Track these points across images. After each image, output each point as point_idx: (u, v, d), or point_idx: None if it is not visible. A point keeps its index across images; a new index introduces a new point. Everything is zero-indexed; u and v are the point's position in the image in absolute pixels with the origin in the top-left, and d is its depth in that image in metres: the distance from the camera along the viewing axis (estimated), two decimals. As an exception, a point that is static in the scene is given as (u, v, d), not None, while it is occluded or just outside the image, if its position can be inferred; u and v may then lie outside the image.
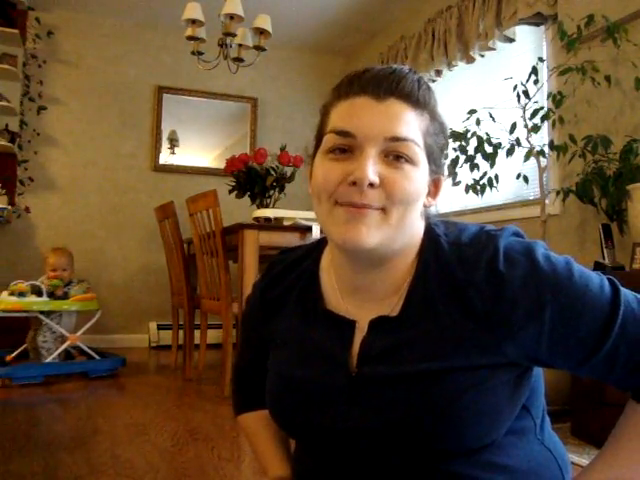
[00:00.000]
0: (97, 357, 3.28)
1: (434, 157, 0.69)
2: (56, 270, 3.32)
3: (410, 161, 0.65)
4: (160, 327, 4.38)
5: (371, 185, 0.62)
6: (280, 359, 0.76)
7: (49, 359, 3.14)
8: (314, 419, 0.69)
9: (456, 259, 0.65)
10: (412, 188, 0.64)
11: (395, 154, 0.64)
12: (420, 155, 0.66)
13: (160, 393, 2.86)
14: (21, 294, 3.09)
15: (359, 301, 0.71)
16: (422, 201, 0.68)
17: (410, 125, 0.65)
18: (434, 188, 0.72)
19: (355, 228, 0.63)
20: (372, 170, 0.62)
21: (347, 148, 0.65)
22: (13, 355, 3.26)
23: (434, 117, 0.69)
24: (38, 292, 3.15)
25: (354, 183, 0.62)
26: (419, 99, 0.66)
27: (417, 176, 0.65)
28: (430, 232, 0.70)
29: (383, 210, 0.64)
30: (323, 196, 0.66)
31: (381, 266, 0.68)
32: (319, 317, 0.73)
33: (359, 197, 0.63)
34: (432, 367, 0.63)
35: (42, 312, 3.14)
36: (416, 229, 0.70)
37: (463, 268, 0.64)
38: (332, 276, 0.74)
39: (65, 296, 3.26)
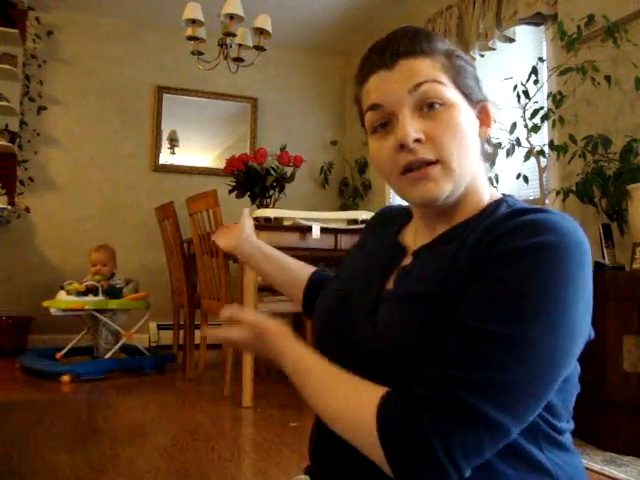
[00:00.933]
0: (147, 353, 3.51)
1: (468, 87, 0.70)
2: (96, 265, 3.46)
3: (443, 103, 0.66)
4: (160, 327, 4.38)
5: (418, 141, 0.65)
6: (344, 269, 0.84)
7: (107, 355, 3.29)
8: (342, 325, 0.73)
9: (501, 217, 0.65)
10: (456, 131, 0.66)
11: (427, 102, 0.66)
12: (450, 92, 0.67)
13: (160, 393, 2.86)
14: (79, 293, 3.24)
15: (423, 240, 0.75)
16: (474, 136, 0.69)
17: (426, 69, 0.67)
18: (484, 116, 0.72)
19: (424, 186, 0.67)
20: (412, 127, 0.65)
21: (385, 121, 0.68)
22: (62, 353, 3.42)
23: (449, 55, 0.69)
24: (95, 291, 3.30)
25: (402, 146, 0.66)
26: (423, 49, 0.68)
27: (456, 116, 0.67)
28: (501, 199, 0.72)
29: (440, 162, 0.66)
30: (387, 173, 0.70)
31: (447, 214, 0.72)
32: (388, 246, 0.79)
33: (413, 156, 0.66)
34: (417, 290, 0.65)
35: (98, 310, 3.29)
36: (481, 171, 0.72)
37: (492, 224, 0.64)
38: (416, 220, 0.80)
39: (119, 294, 3.40)
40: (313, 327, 0.82)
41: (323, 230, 2.78)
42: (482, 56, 3.39)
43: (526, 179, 2.73)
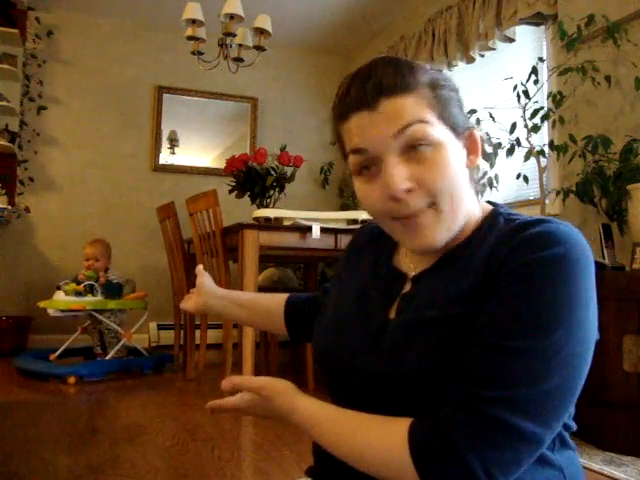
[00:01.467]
0: (145, 354, 3.48)
1: (454, 117, 0.67)
2: (89, 260, 3.41)
3: (430, 143, 0.64)
4: (160, 327, 4.38)
5: (409, 190, 0.63)
6: (339, 296, 0.81)
7: (109, 356, 3.27)
8: (342, 355, 0.72)
9: (501, 231, 0.65)
10: (446, 172, 0.64)
11: (412, 144, 0.63)
12: (436, 130, 0.64)
13: (160, 393, 2.86)
14: (78, 293, 3.19)
15: (419, 262, 0.74)
16: (463, 171, 0.67)
17: (410, 109, 0.63)
18: (471, 144, 0.70)
19: (420, 235, 0.66)
20: (400, 177, 0.63)
21: (369, 163, 0.66)
22: (56, 354, 3.34)
23: (433, 86, 0.66)
24: (93, 290, 3.27)
25: (392, 198, 0.64)
26: (407, 84, 0.64)
27: (445, 155, 0.64)
28: (494, 210, 0.71)
29: (434, 206, 0.65)
30: (378, 217, 0.69)
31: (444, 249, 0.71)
32: (382, 270, 0.77)
33: (405, 208, 0.64)
34: (427, 316, 0.64)
35: (97, 310, 3.26)
36: (471, 197, 0.70)
37: (499, 240, 0.64)
38: None
39: (119, 291, 3.37)
40: (314, 359, 0.82)
41: (323, 230, 2.78)
42: (482, 56, 3.40)
43: (526, 179, 2.73)
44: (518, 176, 2.75)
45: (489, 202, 0.74)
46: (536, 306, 0.57)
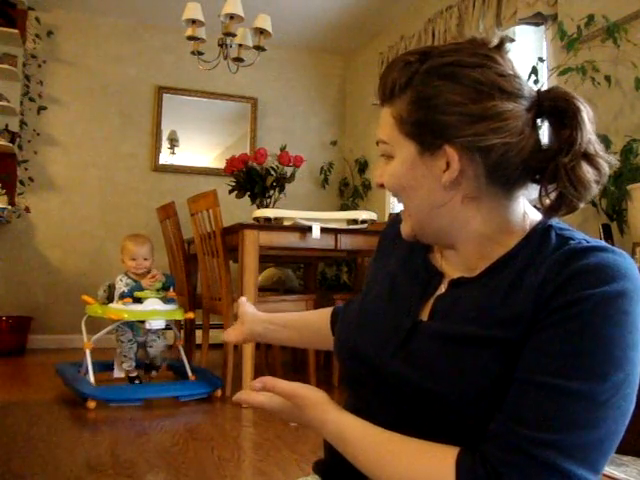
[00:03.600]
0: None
1: (429, 126, 0.65)
2: (136, 259, 2.77)
3: (389, 156, 0.70)
4: (160, 327, 4.37)
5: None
6: (367, 288, 0.81)
7: (190, 373, 2.84)
8: (367, 351, 0.71)
9: (554, 251, 0.62)
10: (393, 180, 0.70)
11: (381, 153, 0.72)
12: (393, 147, 0.69)
13: (160, 393, 2.86)
14: (170, 301, 2.77)
15: (452, 264, 0.72)
16: (426, 187, 0.67)
17: (384, 124, 0.70)
18: (444, 160, 0.65)
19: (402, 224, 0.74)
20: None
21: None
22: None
23: (421, 88, 0.65)
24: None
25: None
26: (394, 89, 0.67)
27: (395, 167, 0.69)
28: (544, 223, 0.67)
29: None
30: None
31: (451, 247, 0.71)
32: (418, 263, 0.76)
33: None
34: (470, 332, 0.62)
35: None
36: (454, 212, 0.67)
37: (552, 266, 0.60)
38: None
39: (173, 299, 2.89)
40: (334, 350, 0.80)
41: (323, 230, 2.78)
42: (482, 56, 3.40)
43: (526, 179, 2.73)
44: (518, 176, 2.76)
45: (536, 207, 0.69)
46: (593, 347, 0.55)
